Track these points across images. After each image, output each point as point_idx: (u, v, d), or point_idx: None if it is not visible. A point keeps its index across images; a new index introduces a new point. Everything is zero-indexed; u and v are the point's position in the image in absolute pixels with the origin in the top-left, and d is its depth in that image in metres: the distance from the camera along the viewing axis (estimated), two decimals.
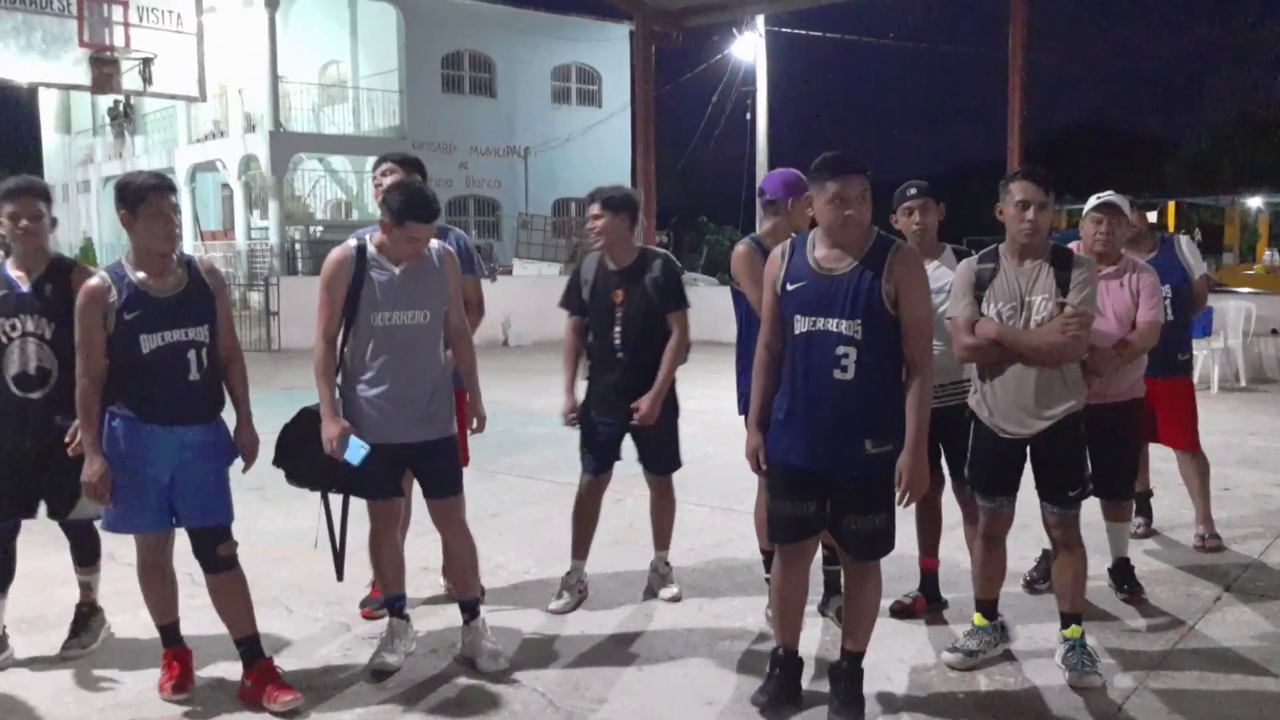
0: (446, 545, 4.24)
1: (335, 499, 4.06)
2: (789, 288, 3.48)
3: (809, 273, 3.45)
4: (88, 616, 4.29)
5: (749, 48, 26.12)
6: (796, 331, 3.44)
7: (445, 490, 4.08)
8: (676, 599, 4.76)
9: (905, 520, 4.71)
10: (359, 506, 4.05)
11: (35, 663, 4.13)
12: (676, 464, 4.82)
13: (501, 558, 4.91)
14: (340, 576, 4.13)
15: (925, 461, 3.48)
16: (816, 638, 4.25)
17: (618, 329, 4.62)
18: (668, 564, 4.90)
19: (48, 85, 14.85)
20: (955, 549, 4.79)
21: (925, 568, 4.64)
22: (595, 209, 4.62)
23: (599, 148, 30.45)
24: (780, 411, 3.53)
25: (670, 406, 4.73)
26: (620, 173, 27.74)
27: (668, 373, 4.63)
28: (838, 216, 3.38)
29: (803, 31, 28.21)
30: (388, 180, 4.29)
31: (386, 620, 4.15)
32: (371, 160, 18.28)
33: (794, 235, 3.82)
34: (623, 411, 4.62)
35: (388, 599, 4.15)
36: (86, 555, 4.25)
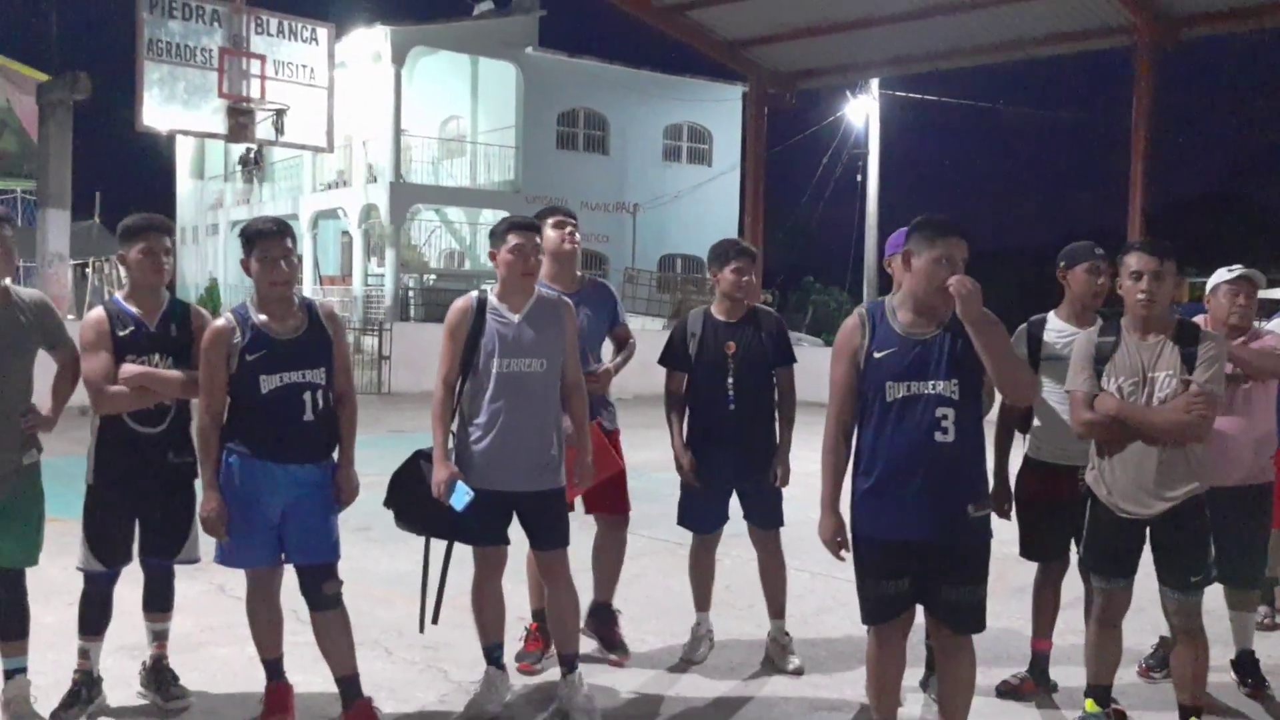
0: (550, 597, 4.24)
1: (440, 546, 4.11)
2: (876, 355, 3.43)
3: (896, 339, 3.40)
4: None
5: (862, 110, 26.11)
6: (889, 399, 3.38)
7: (551, 542, 4.09)
8: (799, 671, 4.64)
9: (1016, 598, 4.58)
10: (464, 554, 4.09)
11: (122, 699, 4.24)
12: (781, 519, 4.77)
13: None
14: (434, 621, 4.14)
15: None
16: (916, 716, 4.12)
17: (730, 380, 4.63)
18: (787, 634, 4.78)
19: (187, 133, 15.61)
20: (1067, 631, 4.62)
21: (1037, 649, 4.47)
22: (740, 264, 4.71)
23: (707, 205, 30.65)
24: (865, 484, 3.43)
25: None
26: (727, 230, 27.82)
27: (790, 428, 4.71)
28: (940, 279, 3.33)
29: (917, 95, 28.12)
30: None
31: (484, 669, 4.16)
32: (486, 213, 18.59)
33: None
34: (734, 465, 4.64)
35: (486, 647, 4.17)
36: (160, 601, 4.18)
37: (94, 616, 4.02)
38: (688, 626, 4.87)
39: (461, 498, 3.89)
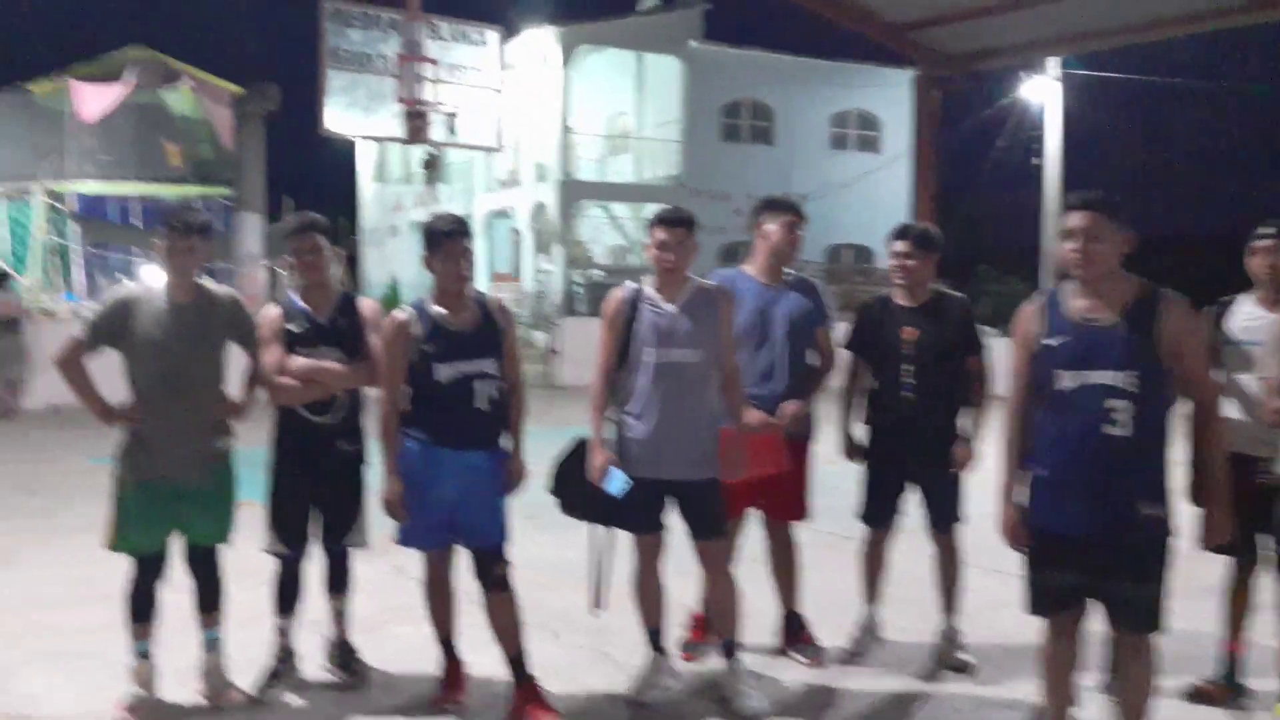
0: (709, 586, 4.26)
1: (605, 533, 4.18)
2: (1050, 343, 3.28)
3: (1070, 325, 3.25)
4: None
5: (1038, 91, 25.05)
6: (1059, 387, 3.23)
7: (707, 532, 4.11)
8: (971, 669, 4.52)
9: (1205, 598, 4.32)
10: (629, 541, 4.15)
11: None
12: (959, 515, 4.62)
13: (764, 603, 4.88)
14: (600, 606, 4.23)
15: (1226, 510, 3.31)
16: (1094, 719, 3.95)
17: (906, 367, 4.48)
18: (959, 630, 4.66)
19: (367, 137, 16.32)
20: (1266, 634, 4.33)
21: (1229, 652, 4.21)
22: (903, 246, 4.54)
23: (877, 194, 30.01)
24: (1041, 475, 3.32)
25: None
26: (898, 219, 27.16)
27: (980, 414, 4.53)
28: (1066, 256, 3.20)
29: (1098, 73, 26.76)
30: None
31: (651, 655, 4.22)
32: (650, 207, 18.70)
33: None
34: (910, 458, 4.52)
35: (647, 633, 4.22)
36: (338, 583, 4.40)
37: (285, 596, 4.28)
38: (853, 620, 4.80)
39: (618, 484, 3.96)
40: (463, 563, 4.08)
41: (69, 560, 6.12)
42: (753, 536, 4.73)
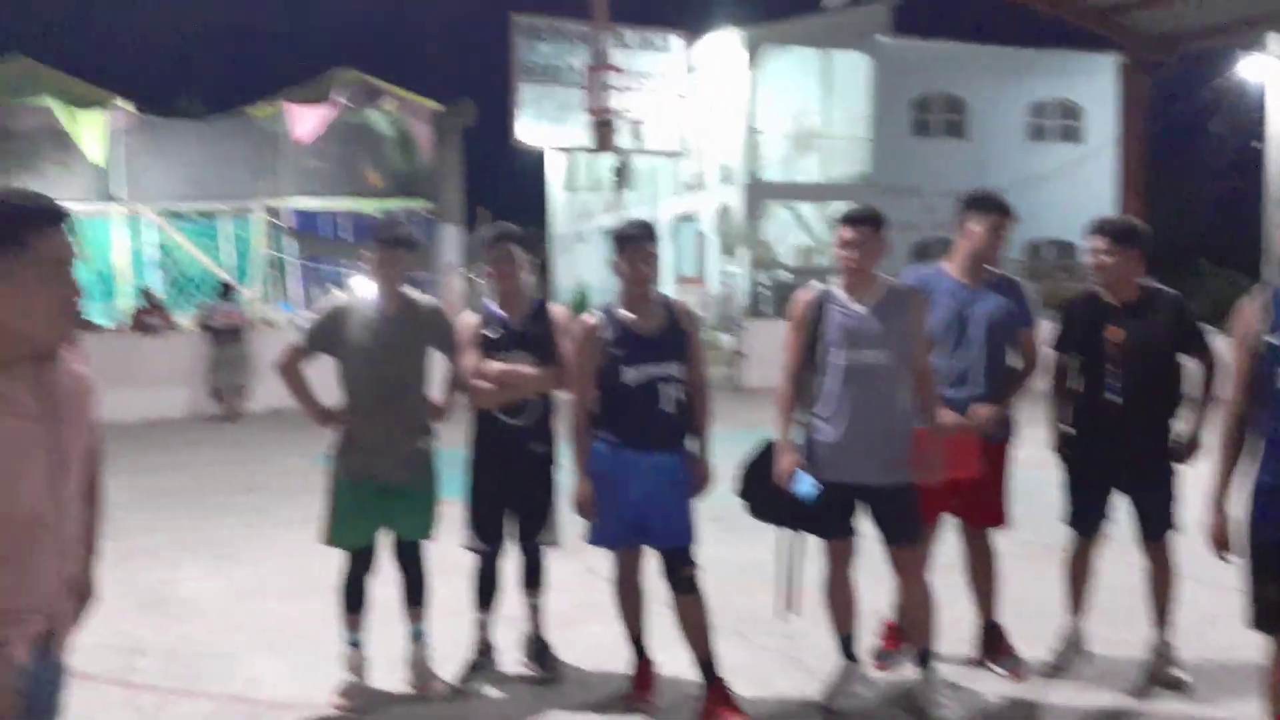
0: (902, 593, 4.17)
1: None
2: (1273, 340, 3.05)
3: None
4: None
5: (1257, 70, 23.31)
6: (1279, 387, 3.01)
7: (900, 538, 4.02)
8: (1186, 686, 4.27)
9: None
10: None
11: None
12: (1173, 524, 4.33)
13: (961, 612, 4.74)
14: (791, 610, 4.21)
15: None
16: None
17: (1112, 369, 4.24)
18: (1173, 645, 4.40)
19: (557, 148, 16.75)
20: None
21: None
22: (1099, 241, 4.31)
23: (1080, 186, 28.60)
24: (1259, 479, 3.10)
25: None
26: (1103, 212, 25.84)
27: (1207, 412, 4.21)
28: None
29: None
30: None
31: (843, 662, 4.17)
32: (838, 205, 18.40)
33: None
34: (1116, 463, 4.29)
35: (838, 639, 4.17)
36: (533, 580, 4.53)
37: (484, 591, 4.45)
38: (1056, 632, 4.59)
39: (805, 488, 3.92)
40: (651, 563, 4.13)
41: (286, 553, 6.54)
42: (949, 543, 4.60)
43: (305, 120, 18.49)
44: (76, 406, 2.21)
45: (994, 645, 4.56)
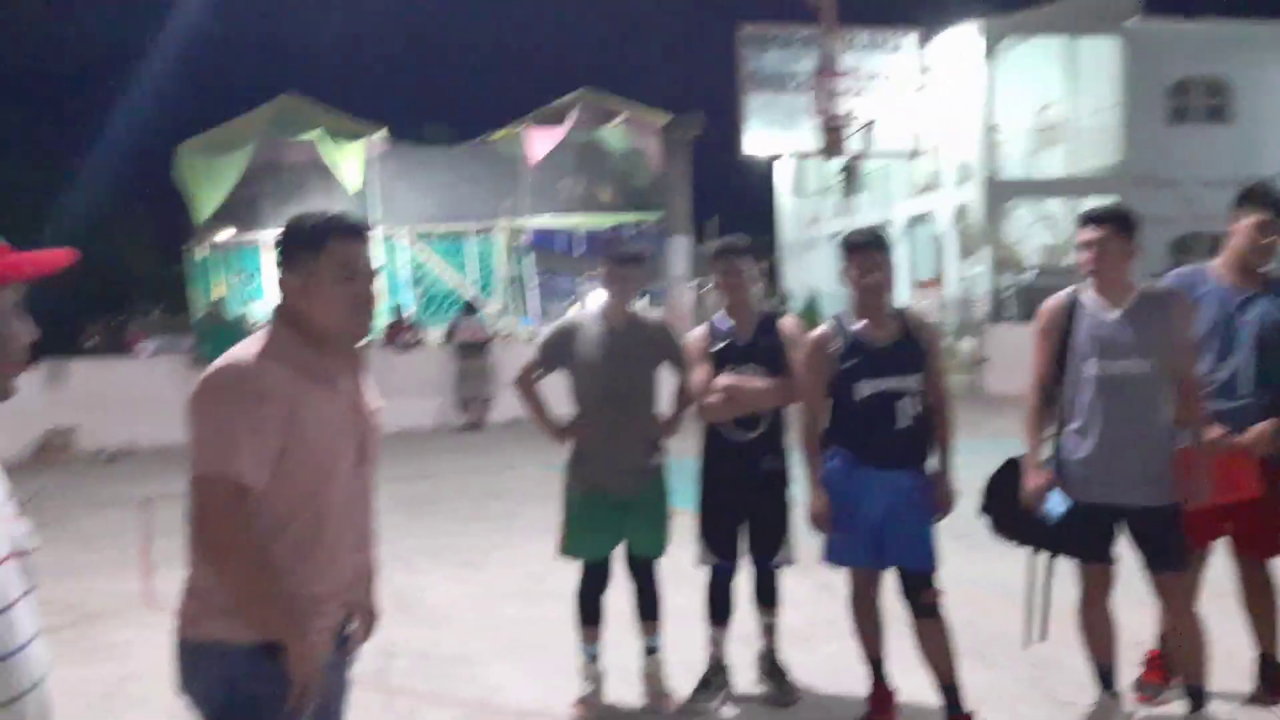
0: (1167, 623, 3.83)
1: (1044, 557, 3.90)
2: None
3: None
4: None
5: None
6: None
7: (1164, 564, 3.69)
8: None
9: None
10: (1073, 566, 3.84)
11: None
12: None
13: (1237, 643, 4.30)
14: (1040, 636, 3.95)
15: None
16: None
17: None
18: None
19: (784, 155, 16.63)
20: None
21: None
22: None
23: None
24: None
25: None
26: None
27: None
28: None
29: None
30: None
31: (1096, 693, 3.87)
32: (1087, 201, 17.40)
33: None
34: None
35: (1095, 670, 3.87)
36: (766, 596, 4.42)
37: (717, 607, 4.40)
38: None
39: (1056, 507, 3.66)
40: (891, 582, 3.98)
41: (526, 559, 6.75)
42: (1223, 569, 4.19)
43: (542, 142, 19.20)
44: (371, 402, 2.43)
45: (1274, 683, 4.11)
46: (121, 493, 10.02)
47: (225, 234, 19.89)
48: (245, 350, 2.27)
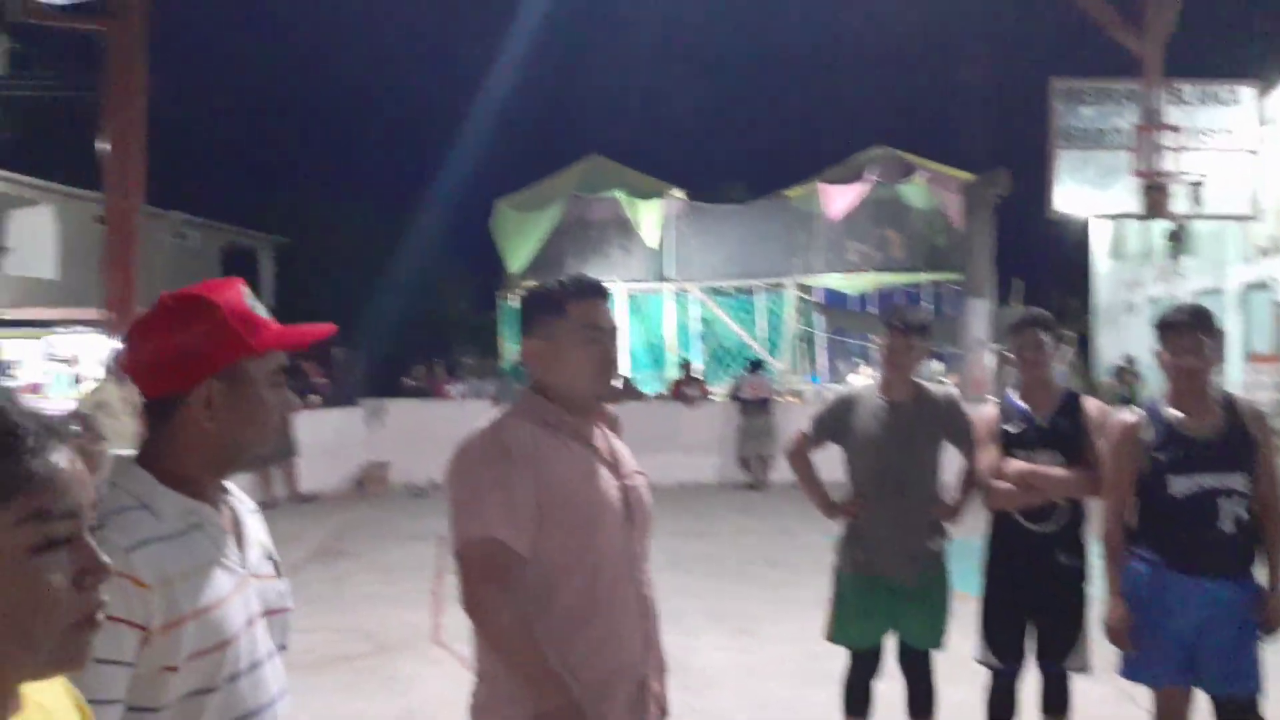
0: None
1: None
2: None
3: None
4: None
5: None
6: None
7: None
8: None
9: None
10: None
11: None
12: None
13: None
14: None
15: None
16: None
17: None
18: None
19: (1101, 216, 15.59)
20: None
21: None
22: None
23: None
24: None
25: None
26: None
27: None
28: None
29: None
30: None
31: None
32: None
33: None
34: None
35: None
36: (1056, 705, 4.02)
37: (997, 713, 4.04)
38: None
39: None
40: (1203, 705, 3.50)
41: (803, 635, 6.51)
42: None
43: (837, 199, 19.04)
44: (631, 462, 2.39)
45: None
46: (424, 527, 10.67)
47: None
48: (498, 417, 2.29)
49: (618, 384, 2.41)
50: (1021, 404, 4.02)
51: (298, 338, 1.67)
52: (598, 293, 2.33)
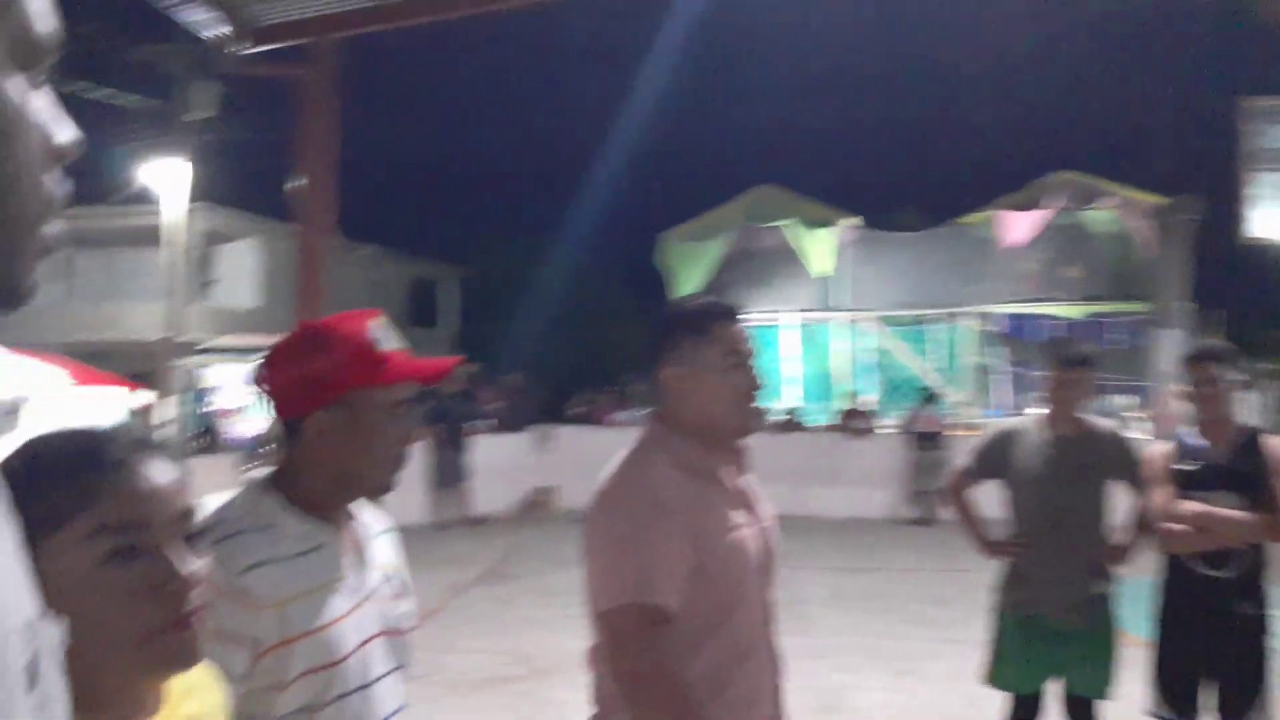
0: None
1: None
2: None
3: None
4: None
5: None
6: None
7: None
8: None
9: None
10: None
11: None
12: None
13: None
14: None
15: None
16: None
17: None
18: None
19: None
20: None
21: None
22: None
23: None
24: None
25: None
26: None
27: None
28: None
29: None
30: None
31: None
32: None
33: None
34: None
35: None
36: None
37: None
38: None
39: None
40: None
41: (966, 679, 6.22)
42: None
43: (1017, 226, 18.39)
44: (765, 504, 2.23)
45: None
46: None
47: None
48: (635, 459, 2.11)
49: (760, 416, 2.29)
50: (1196, 441, 3.77)
51: (421, 371, 1.71)
52: (736, 315, 2.19)
